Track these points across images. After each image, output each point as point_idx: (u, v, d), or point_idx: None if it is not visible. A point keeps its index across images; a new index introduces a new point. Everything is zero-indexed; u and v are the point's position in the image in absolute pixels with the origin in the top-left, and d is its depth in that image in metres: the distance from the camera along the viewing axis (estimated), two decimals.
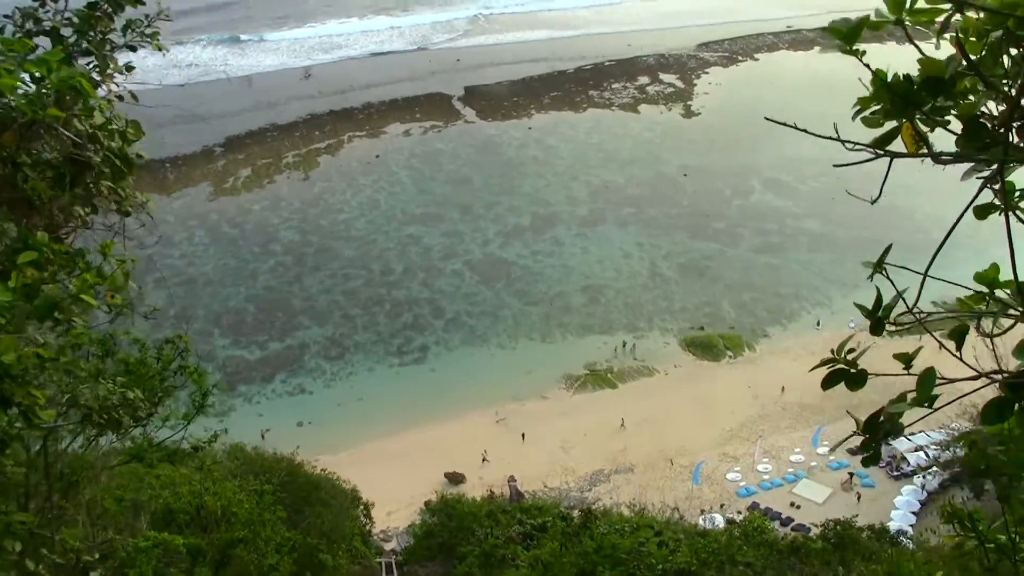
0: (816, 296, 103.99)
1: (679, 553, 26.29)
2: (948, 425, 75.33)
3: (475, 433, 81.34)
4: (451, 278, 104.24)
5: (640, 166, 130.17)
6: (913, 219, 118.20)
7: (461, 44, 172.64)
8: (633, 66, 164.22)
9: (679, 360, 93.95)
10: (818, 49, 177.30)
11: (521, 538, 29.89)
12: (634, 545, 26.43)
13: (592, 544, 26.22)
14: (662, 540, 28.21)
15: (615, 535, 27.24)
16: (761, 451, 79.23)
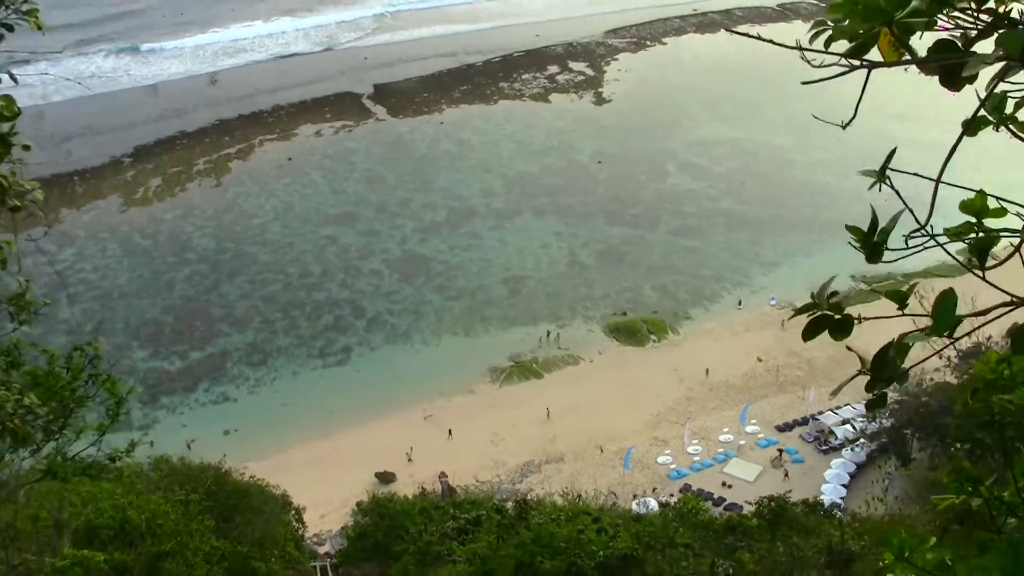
0: (736, 276, 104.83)
1: (619, 539, 26.08)
2: None
3: (403, 431, 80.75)
4: (370, 277, 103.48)
5: (554, 155, 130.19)
6: (826, 194, 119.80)
7: (368, 43, 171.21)
8: (542, 56, 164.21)
9: (603, 347, 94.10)
10: (725, 32, 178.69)
11: (456, 533, 29.52)
12: (572, 533, 26.19)
13: (529, 535, 25.92)
14: (601, 526, 28.00)
15: (552, 524, 26.97)
16: (690, 433, 79.47)
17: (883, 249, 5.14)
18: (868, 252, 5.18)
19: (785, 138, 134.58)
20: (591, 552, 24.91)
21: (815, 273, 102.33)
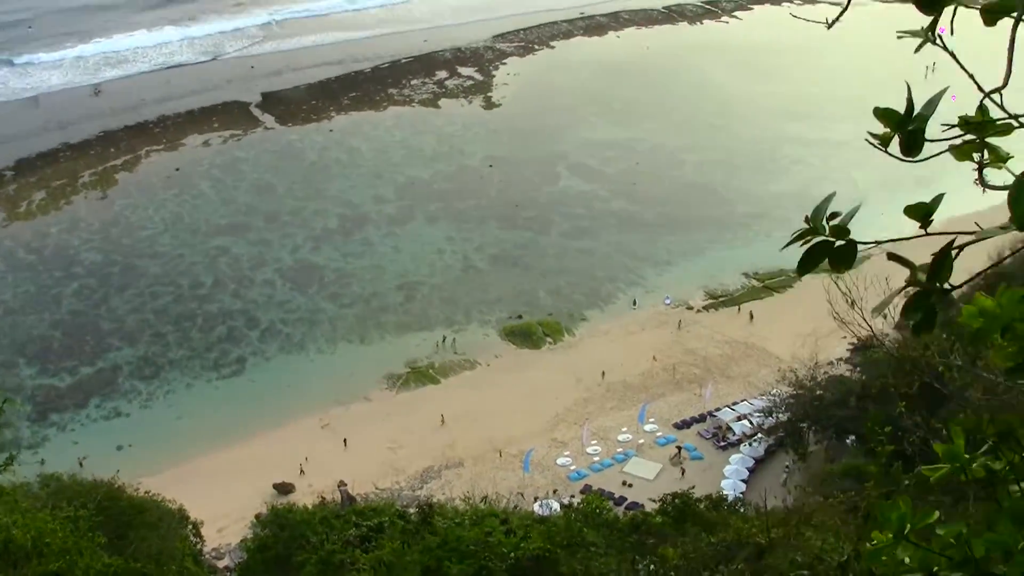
0: (630, 276, 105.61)
1: (531, 539, 25.91)
2: (769, 392, 77.34)
3: (301, 441, 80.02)
4: (263, 287, 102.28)
5: (445, 160, 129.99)
6: (717, 193, 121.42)
7: (255, 51, 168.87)
8: (430, 62, 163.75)
9: (499, 350, 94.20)
10: (613, 33, 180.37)
11: (359, 541, 29.07)
12: (480, 536, 25.95)
13: (435, 539, 25.62)
14: (509, 528, 27.82)
15: (458, 528, 26.73)
16: (589, 433, 79.80)
17: (922, 139, 4.57)
18: (906, 141, 4.52)
19: (675, 138, 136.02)
20: (501, 554, 24.69)
21: (708, 271, 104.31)
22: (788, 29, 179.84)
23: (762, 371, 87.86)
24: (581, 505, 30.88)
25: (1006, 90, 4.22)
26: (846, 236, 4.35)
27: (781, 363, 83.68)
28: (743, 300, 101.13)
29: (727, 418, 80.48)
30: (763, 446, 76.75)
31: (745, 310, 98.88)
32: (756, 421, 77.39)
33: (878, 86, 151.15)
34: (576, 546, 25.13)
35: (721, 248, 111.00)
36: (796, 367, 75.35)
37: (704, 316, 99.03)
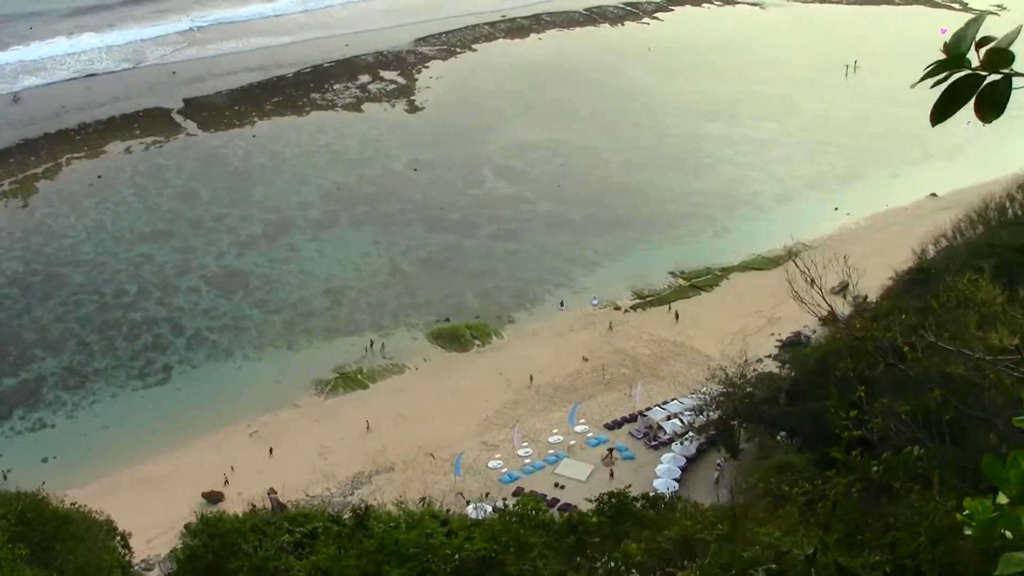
0: (557, 277, 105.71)
1: (474, 541, 25.57)
2: (699, 390, 77.60)
3: (229, 449, 79.00)
4: (188, 294, 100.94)
5: (369, 164, 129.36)
6: (641, 193, 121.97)
7: (176, 58, 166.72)
8: (353, 66, 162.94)
9: (428, 354, 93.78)
10: (535, 36, 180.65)
11: (292, 547, 28.58)
12: (420, 538, 25.57)
13: (373, 543, 25.19)
14: (450, 529, 27.49)
15: (396, 530, 26.35)
16: (520, 436, 79.59)
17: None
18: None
19: (599, 139, 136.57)
20: (444, 556, 24.30)
21: (635, 271, 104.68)
22: (709, 30, 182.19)
23: (692, 370, 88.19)
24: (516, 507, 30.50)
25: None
26: (1006, 65, 3.31)
27: (710, 361, 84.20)
28: (671, 299, 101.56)
29: (658, 417, 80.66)
30: (694, 444, 76.87)
31: (673, 309, 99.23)
32: (687, 420, 77.56)
33: (799, 85, 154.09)
34: (521, 547, 24.85)
35: (648, 248, 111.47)
36: (726, 365, 75.76)
37: (632, 316, 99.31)
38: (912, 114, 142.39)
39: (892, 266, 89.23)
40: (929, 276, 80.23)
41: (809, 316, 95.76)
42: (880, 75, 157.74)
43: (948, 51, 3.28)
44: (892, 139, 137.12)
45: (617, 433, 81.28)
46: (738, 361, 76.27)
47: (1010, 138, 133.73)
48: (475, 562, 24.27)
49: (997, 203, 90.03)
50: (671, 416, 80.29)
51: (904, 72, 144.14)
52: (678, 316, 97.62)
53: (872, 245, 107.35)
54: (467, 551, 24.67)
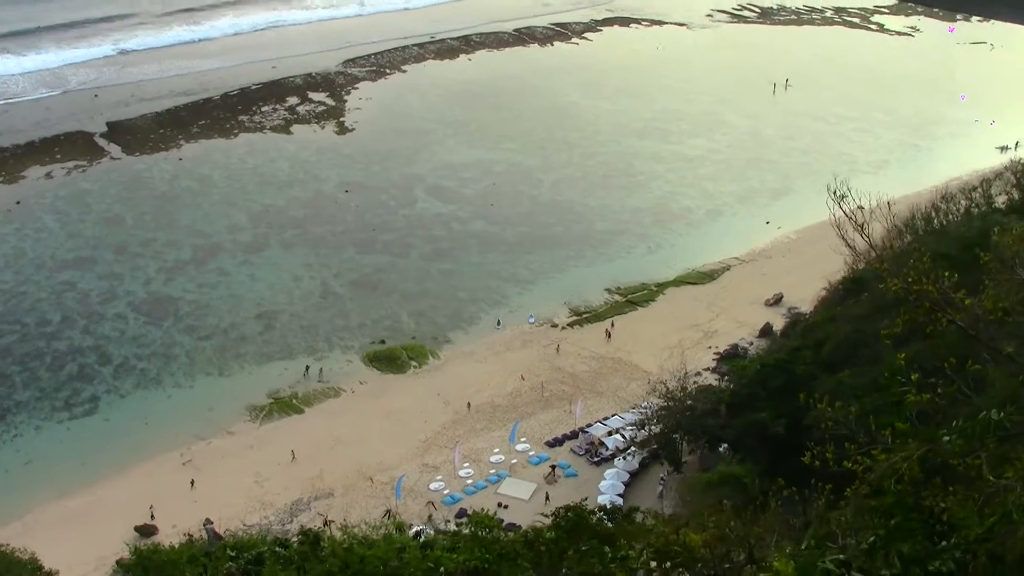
0: (493, 296, 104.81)
1: (458, 552, 24.21)
2: (639, 405, 77.16)
3: (162, 479, 76.77)
4: (115, 322, 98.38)
5: (299, 187, 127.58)
6: (574, 211, 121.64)
7: (100, 82, 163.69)
8: (281, 88, 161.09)
9: (364, 376, 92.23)
10: (464, 56, 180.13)
11: (241, 574, 27.04)
12: (390, 554, 24.13)
13: (336, 561, 23.66)
14: (426, 541, 26.14)
15: (361, 546, 24.93)
16: (460, 456, 78.39)
17: None
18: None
19: (531, 158, 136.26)
20: (426, 570, 22.87)
21: (570, 289, 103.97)
22: (637, 49, 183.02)
23: (631, 385, 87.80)
24: (470, 522, 29.16)
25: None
26: None
27: (649, 376, 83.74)
28: (607, 315, 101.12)
29: (599, 433, 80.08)
30: (637, 459, 76.44)
31: (607, 327, 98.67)
32: (628, 435, 77.03)
33: (728, 103, 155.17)
34: (513, 557, 23.51)
35: (582, 265, 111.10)
36: (666, 379, 75.36)
37: (569, 333, 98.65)
38: (838, 130, 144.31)
39: (825, 276, 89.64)
40: (862, 285, 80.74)
41: (745, 329, 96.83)
42: (806, 93, 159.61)
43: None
44: (819, 155, 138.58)
45: (559, 450, 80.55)
46: (678, 375, 75.97)
47: (931, 153, 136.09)
48: (468, 573, 22.88)
49: (923, 213, 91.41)
50: (612, 431, 79.80)
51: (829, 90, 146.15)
52: (609, 334, 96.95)
53: (804, 257, 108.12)
54: (454, 562, 23.25)
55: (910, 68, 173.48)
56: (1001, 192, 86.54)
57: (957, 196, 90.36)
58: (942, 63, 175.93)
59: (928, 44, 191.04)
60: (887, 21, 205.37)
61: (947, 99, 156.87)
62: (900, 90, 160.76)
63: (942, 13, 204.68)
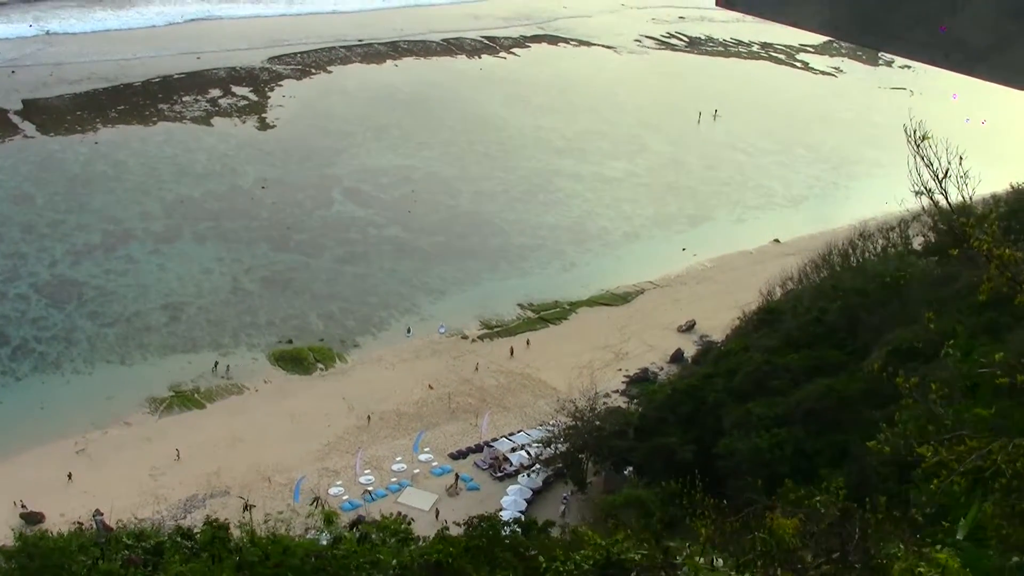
0: (404, 303, 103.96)
1: (410, 545, 23.21)
2: (547, 423, 76.85)
3: (53, 466, 74.69)
4: (15, 302, 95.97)
5: (216, 180, 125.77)
6: (492, 224, 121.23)
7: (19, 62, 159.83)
8: (204, 79, 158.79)
9: (269, 375, 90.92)
10: (391, 62, 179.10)
11: (143, 562, 25.83)
12: (320, 546, 22.98)
13: (254, 551, 22.45)
14: (364, 532, 25.02)
15: (286, 537, 23.78)
16: (362, 463, 77.42)
17: None
18: None
19: (451, 168, 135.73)
20: (385, 566, 21.75)
21: (483, 301, 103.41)
22: (564, 68, 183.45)
23: (539, 402, 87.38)
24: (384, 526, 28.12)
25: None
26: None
27: (558, 394, 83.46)
28: (519, 331, 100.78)
29: (504, 448, 79.52)
30: (541, 477, 76.08)
31: (522, 340, 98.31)
32: (534, 452, 76.65)
33: (651, 128, 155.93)
34: (485, 554, 22.60)
35: (496, 278, 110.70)
36: (575, 397, 75.20)
37: (479, 346, 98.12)
38: (758, 163, 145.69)
39: (739, 306, 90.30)
40: (776, 316, 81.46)
41: (656, 353, 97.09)
42: (729, 124, 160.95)
43: None
44: (739, 185, 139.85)
45: (462, 463, 79.84)
46: (587, 394, 75.89)
47: (848, 191, 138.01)
48: (429, 570, 21.80)
49: (840, 249, 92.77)
50: (518, 447, 79.28)
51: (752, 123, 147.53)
52: (513, 351, 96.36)
53: (718, 286, 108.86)
54: (408, 556, 22.19)
55: (832, 107, 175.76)
56: (918, 234, 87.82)
57: (875, 235, 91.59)
58: (864, 105, 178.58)
59: (850, 86, 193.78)
60: (812, 60, 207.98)
61: (867, 140, 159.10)
62: (822, 128, 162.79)
63: (865, 56, 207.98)
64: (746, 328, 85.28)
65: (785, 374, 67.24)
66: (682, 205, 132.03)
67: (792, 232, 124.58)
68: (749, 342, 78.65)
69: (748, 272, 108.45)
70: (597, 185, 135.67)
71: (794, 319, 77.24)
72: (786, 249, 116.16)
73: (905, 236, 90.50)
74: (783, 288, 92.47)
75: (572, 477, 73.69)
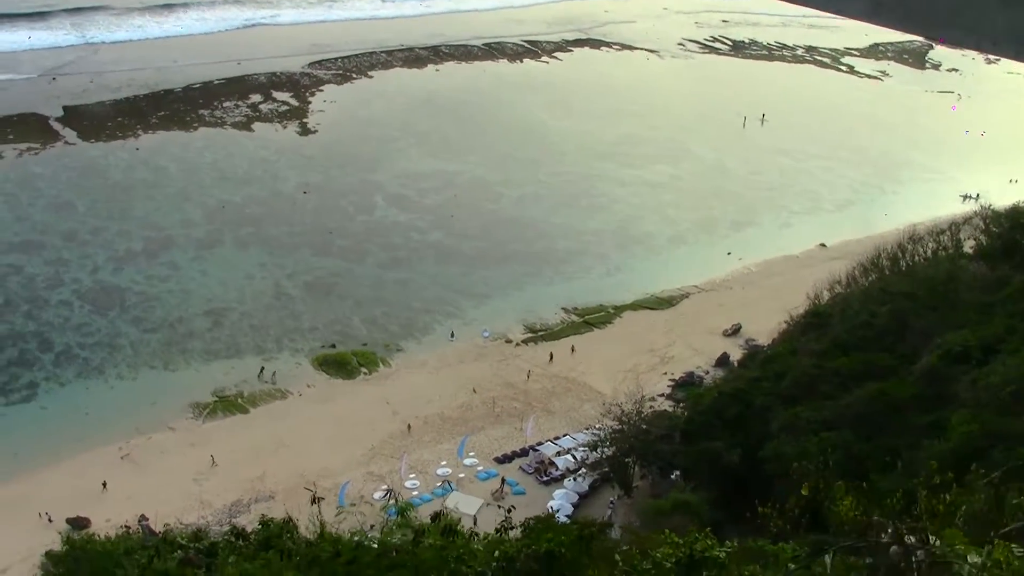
0: (447, 308, 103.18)
1: (510, 540, 22.07)
2: (593, 426, 75.89)
3: (98, 472, 74.28)
4: (59, 308, 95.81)
5: (257, 185, 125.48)
6: (535, 228, 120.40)
7: (60, 69, 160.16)
8: (244, 85, 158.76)
9: (312, 380, 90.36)
10: (432, 67, 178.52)
11: (205, 556, 24.92)
12: (394, 542, 21.81)
13: (326, 548, 21.41)
14: (448, 524, 23.87)
15: (359, 531, 22.68)
16: (407, 467, 76.64)
17: None
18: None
19: (493, 173, 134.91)
20: (470, 554, 20.56)
21: (527, 305, 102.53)
22: (606, 72, 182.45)
23: (584, 406, 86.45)
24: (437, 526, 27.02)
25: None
26: None
27: (603, 397, 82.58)
28: (563, 335, 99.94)
29: (550, 452, 78.53)
30: (587, 481, 75.08)
31: (566, 345, 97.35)
32: (580, 456, 75.66)
33: (695, 132, 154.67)
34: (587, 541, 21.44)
35: (540, 283, 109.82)
36: (621, 401, 74.24)
37: (524, 350, 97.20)
38: (804, 167, 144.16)
39: (786, 310, 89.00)
40: (824, 320, 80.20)
41: (701, 357, 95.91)
42: (774, 129, 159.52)
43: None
44: (784, 190, 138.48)
45: (507, 467, 78.80)
46: (633, 398, 74.92)
47: (896, 196, 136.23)
48: (539, 561, 20.51)
49: (889, 253, 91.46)
50: (563, 452, 78.27)
51: (797, 127, 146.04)
52: (552, 357, 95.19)
53: (763, 290, 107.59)
54: (512, 547, 20.93)
55: (878, 111, 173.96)
56: (969, 237, 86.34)
57: (925, 238, 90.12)
58: (910, 109, 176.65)
59: (897, 89, 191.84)
60: (857, 63, 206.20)
61: (913, 144, 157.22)
62: (868, 132, 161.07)
63: (911, 59, 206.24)
64: (793, 332, 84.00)
65: (834, 378, 65.92)
66: (726, 210, 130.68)
67: (838, 236, 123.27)
68: (796, 346, 77.45)
69: (794, 276, 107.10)
70: (641, 189, 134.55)
71: (842, 323, 75.95)
72: (832, 253, 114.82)
73: (956, 239, 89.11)
74: (831, 292, 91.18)
75: (618, 481, 72.79)
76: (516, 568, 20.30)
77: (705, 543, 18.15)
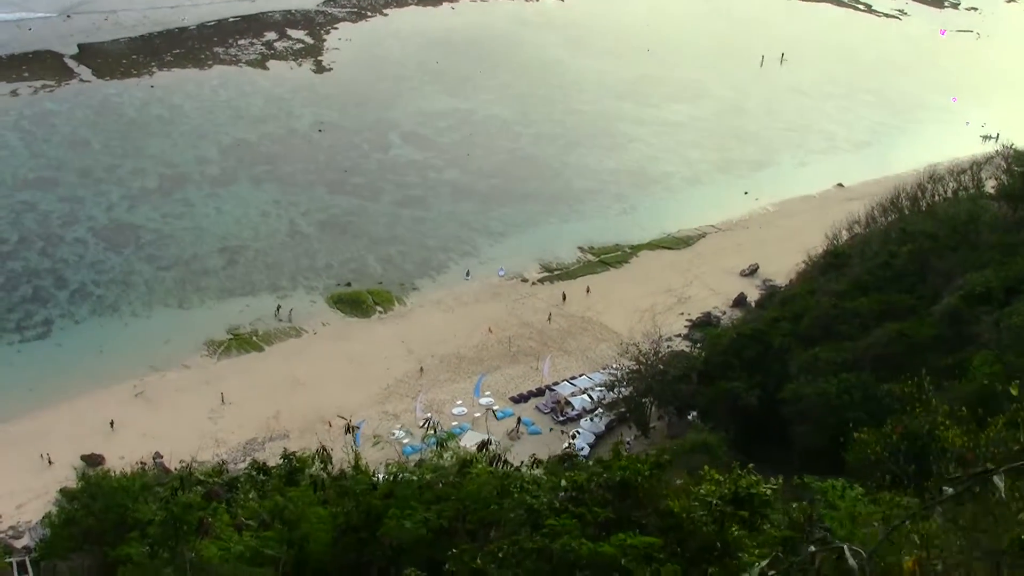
0: (463, 247, 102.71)
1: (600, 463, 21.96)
2: (610, 366, 75.43)
3: (113, 409, 74.26)
4: (74, 246, 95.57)
5: (272, 123, 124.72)
6: (551, 167, 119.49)
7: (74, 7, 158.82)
8: (259, 22, 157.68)
9: (327, 318, 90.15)
10: (448, 5, 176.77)
11: (223, 494, 24.55)
12: (442, 475, 21.54)
13: (363, 480, 21.07)
14: (492, 456, 23.68)
15: (398, 465, 22.49)
16: (422, 406, 76.39)
17: None
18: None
19: (510, 111, 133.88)
20: (550, 486, 20.35)
21: (542, 244, 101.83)
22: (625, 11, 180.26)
23: (600, 346, 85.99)
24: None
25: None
26: None
27: (620, 337, 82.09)
28: (579, 274, 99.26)
29: (566, 392, 78.08)
30: (604, 421, 74.66)
31: (582, 285, 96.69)
32: (596, 396, 75.28)
33: (713, 70, 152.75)
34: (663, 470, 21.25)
35: (556, 222, 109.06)
36: (638, 341, 73.74)
37: (539, 288, 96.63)
38: (821, 107, 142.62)
39: (804, 250, 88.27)
40: (843, 260, 79.59)
41: (718, 297, 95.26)
42: (792, 68, 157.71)
43: None
44: (802, 129, 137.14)
45: (523, 407, 78.44)
46: (650, 338, 74.42)
47: (914, 136, 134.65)
48: (615, 490, 20.28)
49: (909, 192, 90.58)
50: (579, 392, 77.81)
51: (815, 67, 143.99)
52: (565, 297, 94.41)
53: (781, 230, 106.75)
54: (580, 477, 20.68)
55: (896, 51, 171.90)
56: (991, 176, 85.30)
57: (945, 178, 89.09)
58: (928, 49, 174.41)
59: (915, 29, 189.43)
60: (876, 1, 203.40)
61: (931, 85, 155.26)
62: (885, 72, 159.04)
63: None
64: (812, 272, 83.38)
65: (854, 318, 65.34)
66: (744, 149, 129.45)
67: (856, 177, 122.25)
68: (815, 286, 76.88)
69: (811, 216, 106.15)
70: (658, 129, 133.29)
71: (862, 263, 75.34)
72: (850, 194, 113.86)
73: (977, 179, 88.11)
74: (849, 232, 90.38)
75: (635, 421, 72.41)
76: (585, 498, 20.20)
77: (750, 479, 17.87)
